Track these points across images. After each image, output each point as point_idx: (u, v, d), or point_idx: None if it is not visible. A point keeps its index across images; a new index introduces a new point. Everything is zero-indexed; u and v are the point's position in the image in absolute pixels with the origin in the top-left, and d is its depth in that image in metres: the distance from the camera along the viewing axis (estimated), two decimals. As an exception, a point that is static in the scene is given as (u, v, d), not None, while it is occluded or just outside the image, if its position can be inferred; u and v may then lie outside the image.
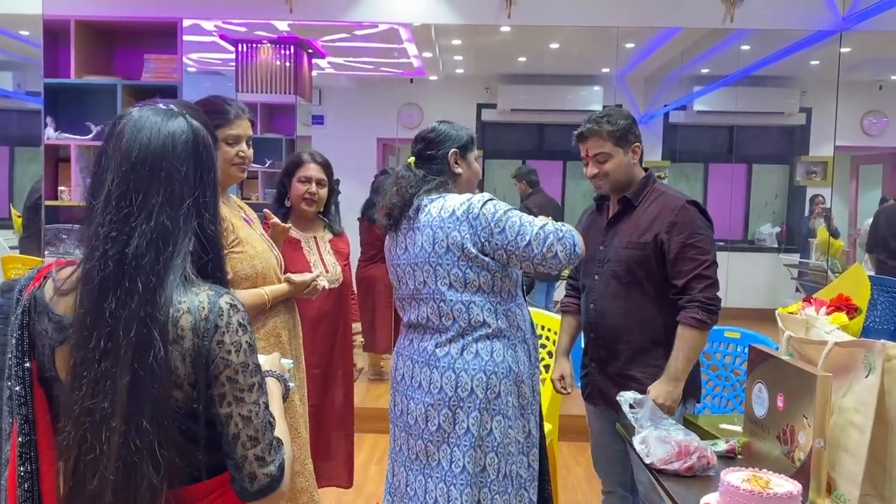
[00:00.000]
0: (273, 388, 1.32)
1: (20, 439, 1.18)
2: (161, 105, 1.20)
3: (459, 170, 2.19)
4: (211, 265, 1.19)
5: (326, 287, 2.57)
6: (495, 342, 2.06)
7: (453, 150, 2.18)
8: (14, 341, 1.19)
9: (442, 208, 2.07)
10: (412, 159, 2.21)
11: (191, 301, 1.12)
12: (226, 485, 1.19)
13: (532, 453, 2.15)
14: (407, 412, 2.13)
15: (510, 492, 2.07)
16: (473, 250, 2.01)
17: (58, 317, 1.17)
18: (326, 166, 2.87)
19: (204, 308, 1.12)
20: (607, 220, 2.45)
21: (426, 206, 2.10)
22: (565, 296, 2.64)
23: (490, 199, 2.05)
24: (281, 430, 1.23)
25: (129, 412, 1.08)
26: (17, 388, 1.18)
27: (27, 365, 1.19)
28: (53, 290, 1.19)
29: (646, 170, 2.44)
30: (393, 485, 2.21)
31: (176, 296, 1.11)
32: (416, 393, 2.10)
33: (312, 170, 2.82)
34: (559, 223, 2.06)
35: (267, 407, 1.19)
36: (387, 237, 2.24)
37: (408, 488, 2.14)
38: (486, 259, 2.03)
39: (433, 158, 2.17)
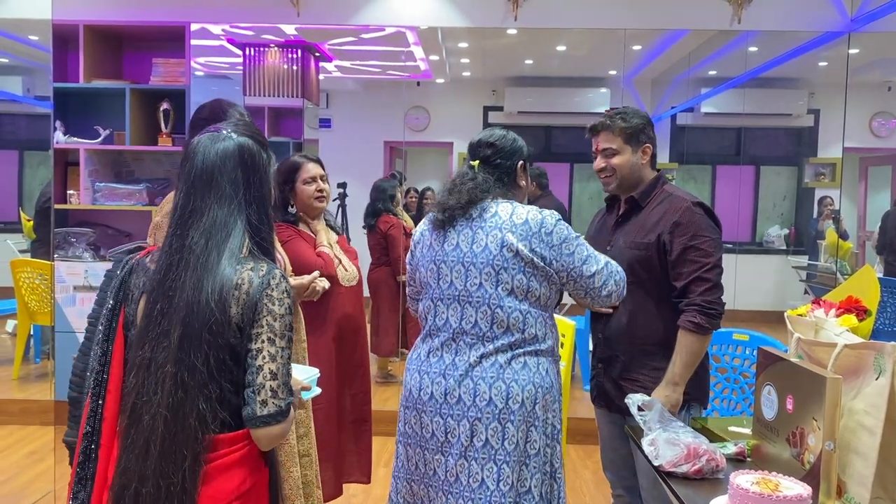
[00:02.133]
0: None
1: (97, 367, 1.55)
2: (214, 131, 1.53)
3: (523, 182, 2.18)
4: (259, 243, 1.49)
5: (326, 288, 2.58)
6: (541, 358, 2.02)
7: (521, 162, 2.16)
8: (114, 290, 1.56)
9: (514, 213, 2.01)
10: (476, 162, 2.13)
11: (254, 265, 1.45)
12: (244, 440, 1.42)
13: (560, 474, 2.08)
14: (446, 430, 1.99)
15: None
16: (541, 262, 1.98)
17: (150, 273, 1.51)
18: (321, 163, 2.92)
19: (262, 271, 1.44)
20: (615, 220, 2.44)
21: (493, 207, 2.04)
22: None
23: (561, 220, 2.04)
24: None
25: (178, 357, 1.37)
26: (105, 324, 1.55)
27: (118, 309, 1.55)
28: (150, 259, 1.56)
29: (658, 171, 2.43)
30: None
31: (241, 264, 1.43)
32: (455, 409, 1.98)
33: (312, 169, 2.85)
34: (614, 262, 2.10)
35: (289, 362, 1.45)
36: (426, 234, 2.13)
37: None
38: (551, 271, 2.00)
39: (502, 167, 2.12)
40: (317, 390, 1.73)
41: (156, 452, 1.36)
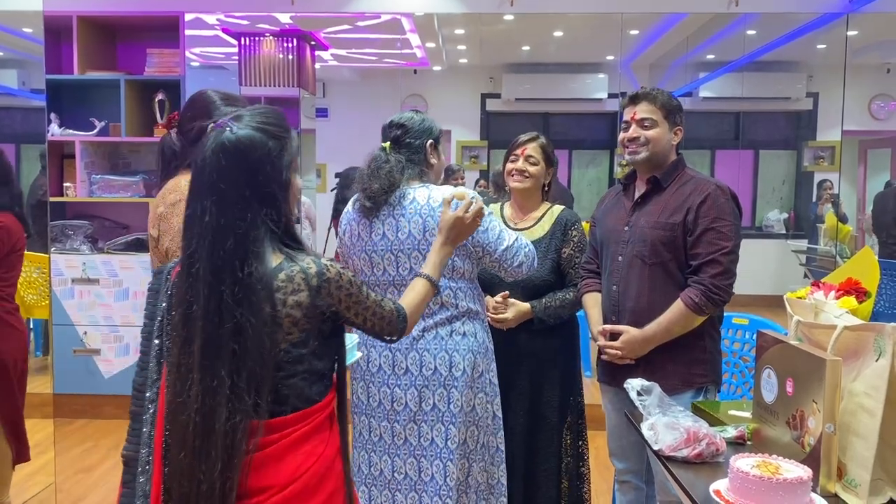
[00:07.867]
0: None
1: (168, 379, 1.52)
2: (218, 127, 1.42)
3: (434, 160, 2.27)
4: (286, 242, 1.45)
5: None
6: (476, 324, 2.20)
7: (430, 141, 2.25)
8: (164, 307, 1.54)
9: (430, 197, 2.13)
10: (388, 144, 2.23)
11: (300, 265, 1.43)
12: (307, 419, 1.44)
13: (500, 431, 2.26)
14: (392, 399, 2.17)
15: (486, 459, 2.22)
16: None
17: None
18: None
19: (312, 267, 1.44)
20: (634, 201, 2.40)
21: (410, 193, 2.15)
22: (584, 279, 2.55)
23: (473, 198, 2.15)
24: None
25: (202, 365, 1.37)
26: (167, 342, 1.51)
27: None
28: None
29: (679, 155, 2.41)
30: (371, 475, 2.23)
31: (287, 264, 1.42)
32: (402, 379, 2.16)
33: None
34: (524, 238, 2.23)
35: (370, 295, 1.55)
36: (352, 223, 2.23)
37: (395, 474, 2.18)
38: (469, 247, 2.15)
39: (412, 146, 2.22)
40: (357, 354, 1.83)
41: (189, 453, 1.37)
